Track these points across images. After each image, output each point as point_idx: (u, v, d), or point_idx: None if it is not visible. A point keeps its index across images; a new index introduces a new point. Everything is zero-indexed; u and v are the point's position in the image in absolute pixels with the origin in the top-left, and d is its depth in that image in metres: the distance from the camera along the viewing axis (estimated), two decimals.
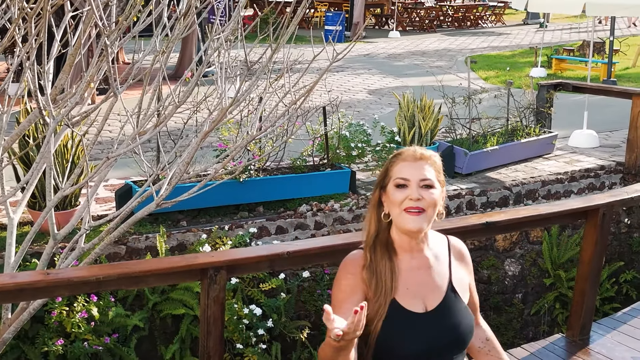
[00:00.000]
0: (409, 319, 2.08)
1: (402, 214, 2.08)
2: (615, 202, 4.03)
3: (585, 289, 4.08)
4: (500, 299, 6.96)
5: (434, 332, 2.09)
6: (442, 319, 2.11)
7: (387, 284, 2.09)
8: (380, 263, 2.11)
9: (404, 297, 2.10)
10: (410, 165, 2.13)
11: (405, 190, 2.09)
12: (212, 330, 3.13)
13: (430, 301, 2.12)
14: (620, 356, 4.01)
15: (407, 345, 2.07)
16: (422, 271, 2.14)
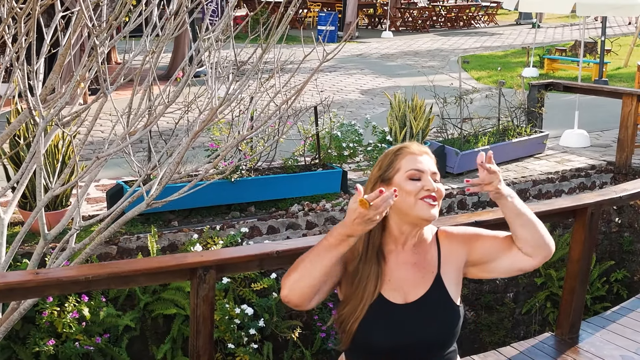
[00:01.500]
0: (387, 309, 2.11)
1: (419, 202, 2.08)
2: (604, 201, 4.05)
3: (574, 288, 4.10)
4: (492, 298, 6.98)
5: (408, 325, 2.10)
6: (422, 311, 2.12)
7: (368, 289, 2.11)
8: (367, 269, 2.12)
9: (386, 289, 2.13)
10: (420, 158, 2.15)
11: (419, 182, 2.10)
12: (202, 329, 3.14)
13: (411, 294, 2.13)
14: (609, 354, 4.03)
15: (383, 333, 2.09)
16: (407, 266, 2.16)
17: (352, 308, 2.11)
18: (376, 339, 2.10)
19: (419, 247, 2.19)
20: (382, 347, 2.10)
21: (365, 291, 2.11)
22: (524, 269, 2.26)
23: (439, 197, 2.11)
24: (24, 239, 4.34)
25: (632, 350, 4.10)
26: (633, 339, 4.23)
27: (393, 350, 2.11)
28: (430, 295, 2.14)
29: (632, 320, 4.46)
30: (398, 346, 2.10)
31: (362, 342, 2.12)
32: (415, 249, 2.18)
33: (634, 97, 7.61)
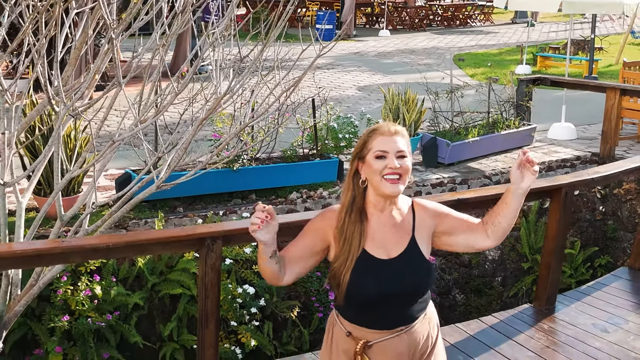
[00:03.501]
0: (375, 264, 2.47)
1: (382, 180, 2.45)
2: (577, 182, 4.40)
3: (550, 263, 4.45)
4: (481, 282, 7.33)
5: (392, 276, 2.46)
6: (400, 266, 2.48)
7: (354, 244, 2.47)
8: (351, 227, 2.49)
9: (371, 247, 2.49)
10: (387, 139, 2.48)
11: (384, 161, 2.45)
12: (210, 294, 3.48)
13: (392, 251, 2.49)
14: (583, 323, 4.39)
15: (372, 285, 2.44)
16: (388, 227, 2.52)
17: (341, 262, 2.47)
18: (366, 290, 2.45)
19: (397, 213, 2.55)
20: (371, 297, 2.45)
21: (351, 246, 2.46)
22: (480, 248, 2.67)
23: (403, 172, 2.46)
24: (39, 224, 4.65)
25: (603, 320, 4.46)
26: (605, 309, 4.58)
27: (381, 299, 2.46)
28: (408, 253, 2.50)
29: (606, 294, 4.81)
30: (385, 295, 2.45)
31: (354, 294, 2.47)
32: (394, 214, 2.54)
33: (617, 91, 7.96)
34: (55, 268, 4.45)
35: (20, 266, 3.70)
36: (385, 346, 2.48)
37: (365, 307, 2.49)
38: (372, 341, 2.49)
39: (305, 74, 4.29)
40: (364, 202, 2.53)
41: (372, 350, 2.49)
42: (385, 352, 2.49)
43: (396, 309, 2.49)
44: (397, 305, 2.49)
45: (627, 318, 4.50)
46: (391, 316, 2.49)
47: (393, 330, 2.49)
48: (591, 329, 4.34)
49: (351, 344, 2.51)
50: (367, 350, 2.49)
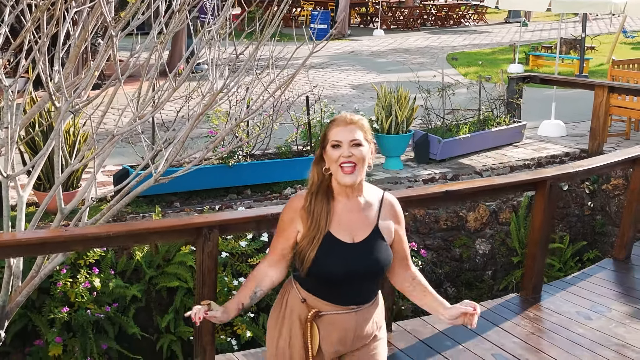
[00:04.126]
0: (339, 246, 2.63)
1: (338, 169, 2.61)
2: (561, 175, 4.56)
3: (536, 253, 4.60)
4: (472, 275, 7.49)
5: (357, 259, 2.63)
6: (365, 250, 2.65)
7: (320, 223, 2.63)
8: (318, 206, 2.65)
9: (337, 230, 2.65)
10: (343, 129, 2.64)
11: (339, 150, 2.61)
12: (207, 280, 3.63)
13: (357, 236, 2.66)
14: (567, 311, 4.55)
15: (335, 266, 2.61)
16: (353, 213, 2.68)
17: (308, 241, 2.63)
18: (329, 269, 2.62)
19: (363, 201, 2.71)
20: (333, 276, 2.62)
21: (318, 226, 2.62)
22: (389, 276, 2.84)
23: (357, 161, 2.61)
24: (39, 219, 4.78)
25: (587, 308, 4.62)
26: (589, 298, 4.74)
27: (341, 279, 2.63)
28: (371, 240, 2.67)
29: (590, 284, 4.97)
30: (345, 276, 2.62)
31: (317, 272, 2.63)
32: (362, 201, 2.70)
33: (605, 89, 8.13)
34: (56, 260, 4.58)
35: (25, 254, 3.83)
36: (335, 319, 2.65)
37: (325, 283, 2.66)
38: (324, 312, 2.65)
39: (300, 71, 4.43)
40: (330, 186, 2.69)
41: (322, 320, 2.65)
42: (334, 325, 2.65)
43: (353, 289, 2.66)
44: (355, 286, 2.66)
45: (610, 306, 4.66)
46: (347, 294, 2.66)
47: (346, 307, 2.65)
48: (575, 316, 4.50)
49: (304, 310, 2.67)
50: (317, 319, 2.65)
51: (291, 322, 2.70)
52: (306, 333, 2.66)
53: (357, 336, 2.69)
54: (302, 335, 2.67)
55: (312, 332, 2.66)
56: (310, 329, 2.65)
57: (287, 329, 2.71)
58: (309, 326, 2.65)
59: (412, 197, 3.98)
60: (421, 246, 6.99)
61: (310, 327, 2.65)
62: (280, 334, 2.74)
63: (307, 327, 2.65)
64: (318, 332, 2.66)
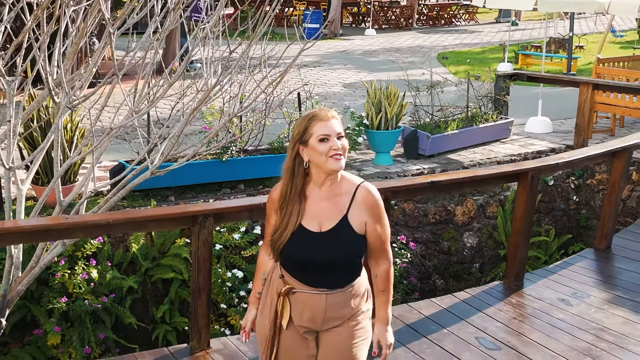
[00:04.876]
0: (306, 234, 2.80)
1: (329, 159, 2.76)
2: (542, 166, 4.74)
3: (518, 242, 4.79)
4: (459, 268, 7.68)
5: (322, 248, 2.79)
6: (330, 239, 2.80)
7: (291, 221, 2.81)
8: (290, 206, 2.82)
9: (306, 220, 2.82)
10: (327, 123, 2.79)
11: (327, 143, 2.75)
12: (202, 268, 3.79)
13: (324, 225, 2.81)
14: (548, 297, 4.73)
15: (302, 253, 2.79)
16: (323, 202, 2.83)
17: (279, 234, 2.82)
18: (297, 256, 2.81)
19: (335, 191, 2.85)
20: (300, 262, 2.81)
21: (289, 223, 2.80)
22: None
23: (343, 151, 2.79)
24: (39, 211, 4.92)
25: (567, 295, 4.80)
26: (570, 285, 4.93)
27: (308, 265, 2.80)
28: (338, 229, 2.81)
29: (571, 272, 5.16)
30: (311, 262, 2.80)
31: (288, 256, 2.83)
32: (331, 191, 2.85)
33: (589, 86, 8.33)
34: (55, 250, 4.74)
35: (28, 241, 3.99)
36: (306, 298, 2.82)
37: (296, 266, 2.84)
38: (297, 290, 2.82)
39: (291, 66, 4.60)
40: (304, 182, 2.83)
41: (294, 297, 2.82)
42: (304, 303, 2.82)
43: (322, 274, 2.82)
44: (323, 272, 2.82)
45: (589, 293, 4.85)
46: (316, 278, 2.83)
47: (316, 289, 2.82)
48: (556, 302, 4.69)
49: (281, 285, 2.85)
50: (290, 294, 2.82)
51: (271, 295, 2.89)
52: (277, 305, 2.84)
53: (328, 317, 2.83)
54: (275, 309, 2.85)
55: (284, 305, 2.84)
56: (282, 302, 2.83)
57: (268, 302, 2.91)
58: (280, 300, 2.83)
59: (399, 188, 4.16)
60: (410, 239, 7.17)
61: (282, 301, 2.83)
62: (264, 306, 2.94)
63: (279, 300, 2.84)
64: (290, 307, 2.84)
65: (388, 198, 4.06)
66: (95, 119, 4.69)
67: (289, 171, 2.83)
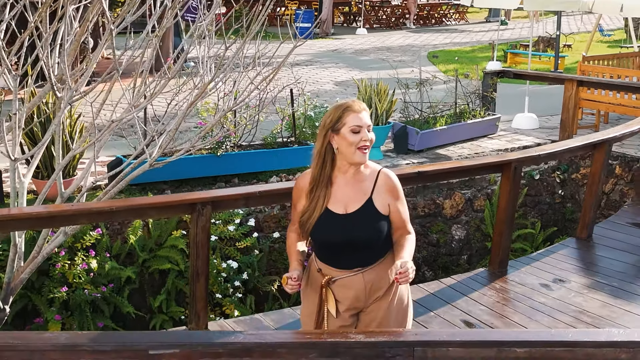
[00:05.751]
0: (330, 217, 3.00)
1: (357, 151, 2.94)
2: (525, 158, 4.96)
3: (502, 230, 5.01)
4: (448, 259, 7.90)
5: (348, 229, 2.98)
6: (356, 220, 3.00)
7: (318, 204, 3.00)
8: (319, 191, 3.01)
9: (333, 204, 3.02)
10: (359, 115, 2.97)
11: (359, 134, 2.93)
12: (200, 253, 3.99)
13: (350, 207, 3.01)
14: (530, 283, 4.96)
15: (331, 234, 2.99)
16: (349, 186, 3.03)
17: (307, 216, 3.02)
18: (326, 238, 3.02)
19: (358, 176, 3.05)
20: (330, 243, 3.02)
21: (317, 206, 3.00)
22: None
23: (371, 143, 2.98)
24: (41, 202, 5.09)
25: (549, 280, 5.03)
26: (551, 272, 5.16)
27: (338, 245, 3.01)
28: (363, 210, 3.00)
29: (553, 260, 5.39)
30: (341, 242, 3.00)
31: (316, 239, 3.05)
32: (355, 177, 3.04)
33: (574, 82, 8.57)
34: (56, 240, 4.92)
35: (35, 227, 4.18)
36: (346, 282, 3.03)
37: (327, 250, 3.04)
38: (335, 277, 3.03)
39: (284, 62, 4.80)
40: (332, 167, 3.02)
41: (335, 284, 3.03)
42: (345, 287, 3.03)
43: (353, 254, 3.02)
44: (354, 251, 3.02)
45: (570, 279, 5.07)
46: (349, 259, 3.03)
47: (352, 270, 3.02)
48: (537, 287, 4.91)
49: (320, 279, 3.05)
50: (331, 284, 3.03)
51: (313, 289, 3.10)
52: (321, 297, 3.05)
53: (370, 292, 3.04)
54: (319, 300, 3.06)
55: (328, 296, 3.04)
56: (325, 293, 3.04)
57: (311, 295, 3.12)
58: (324, 292, 3.04)
59: None
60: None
61: (325, 292, 3.04)
62: (307, 299, 3.15)
63: (323, 292, 3.04)
64: (334, 296, 3.04)
65: None
66: (96, 112, 4.89)
67: (319, 157, 2.99)
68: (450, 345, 2.43)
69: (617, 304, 4.71)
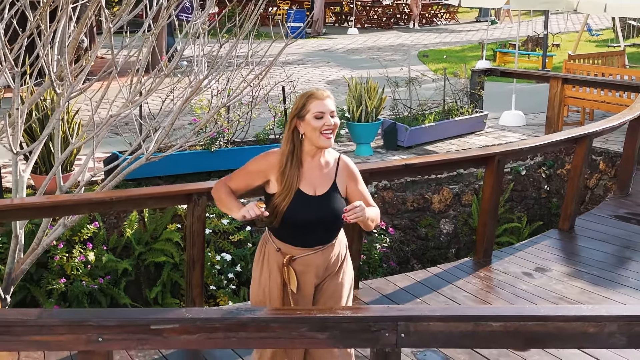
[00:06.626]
0: (303, 198, 3.20)
1: (320, 136, 3.16)
2: (508, 151, 5.16)
3: (486, 221, 5.21)
4: (436, 253, 8.09)
5: (318, 209, 3.20)
6: (324, 201, 3.22)
7: (293, 185, 3.19)
8: (292, 171, 3.20)
9: (304, 185, 3.21)
10: (323, 102, 3.18)
11: (321, 120, 3.15)
12: (196, 241, 4.16)
13: (318, 189, 3.23)
14: (513, 271, 5.16)
15: (301, 214, 3.17)
16: (316, 170, 3.25)
17: (282, 198, 3.19)
18: (298, 217, 3.18)
19: (324, 161, 3.27)
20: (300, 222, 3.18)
21: (291, 186, 3.18)
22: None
23: (334, 128, 3.19)
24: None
25: (531, 269, 5.23)
26: (533, 261, 5.36)
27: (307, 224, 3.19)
28: (330, 193, 3.24)
29: (536, 250, 5.60)
30: (309, 222, 3.19)
31: (288, 219, 3.19)
32: (322, 161, 3.26)
33: (559, 80, 8.79)
34: (56, 232, 5.09)
35: (38, 216, 4.34)
36: (306, 260, 3.23)
37: (295, 229, 3.22)
38: (296, 256, 3.22)
39: (277, 59, 4.99)
40: (301, 151, 3.22)
41: (296, 262, 3.22)
42: (306, 264, 3.23)
43: (317, 233, 3.23)
44: (318, 230, 3.23)
45: (551, 267, 5.28)
46: (312, 238, 3.23)
47: (313, 248, 3.23)
48: (520, 275, 5.11)
49: (280, 258, 3.24)
50: (291, 262, 3.22)
51: (270, 268, 3.26)
52: (283, 276, 3.23)
53: (327, 268, 3.28)
54: (281, 278, 3.23)
55: (290, 274, 3.22)
56: (287, 272, 3.22)
57: (266, 274, 3.27)
58: (285, 270, 3.22)
59: (376, 170, 4.56)
60: (390, 225, 7.58)
61: (287, 271, 3.21)
62: (262, 279, 3.30)
63: (284, 270, 3.22)
64: (295, 273, 3.22)
65: (366, 179, 4.46)
66: (95, 107, 5.06)
67: (288, 142, 3.19)
68: (431, 319, 2.62)
69: (596, 290, 4.91)
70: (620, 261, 5.48)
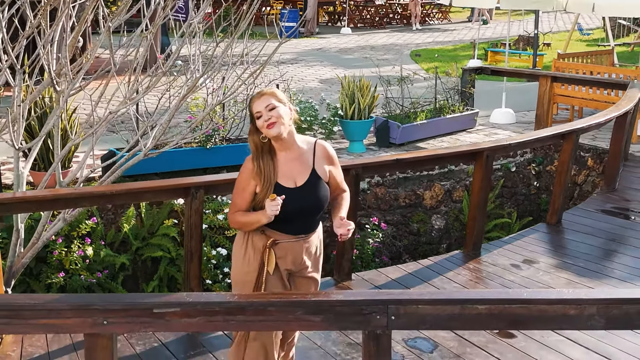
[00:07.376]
0: (284, 191, 3.32)
1: (267, 130, 3.28)
2: (496, 147, 5.31)
3: (476, 214, 5.36)
4: (428, 248, 8.24)
5: (300, 200, 3.34)
6: (306, 191, 3.36)
7: (270, 178, 3.33)
8: (265, 167, 3.33)
9: (282, 179, 3.35)
10: (258, 101, 3.32)
11: (261, 118, 3.29)
12: (194, 234, 4.29)
13: (298, 180, 3.36)
14: (502, 263, 5.31)
15: (283, 207, 3.27)
16: (293, 162, 3.37)
17: (262, 195, 3.33)
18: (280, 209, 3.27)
19: (298, 151, 3.39)
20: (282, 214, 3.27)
21: (269, 183, 3.32)
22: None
23: (275, 118, 3.28)
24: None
25: (519, 261, 5.39)
26: (521, 254, 5.52)
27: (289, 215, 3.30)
28: (310, 181, 3.37)
29: (524, 243, 5.75)
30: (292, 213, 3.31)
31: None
32: (296, 152, 3.38)
33: (548, 78, 8.96)
34: (56, 226, 5.21)
35: (40, 209, 4.46)
36: (288, 246, 3.37)
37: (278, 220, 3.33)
38: (279, 240, 3.36)
39: (271, 58, 5.13)
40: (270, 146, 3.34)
41: (278, 247, 3.36)
42: (287, 250, 3.37)
43: (301, 222, 3.38)
44: (302, 220, 3.38)
45: (539, 260, 5.43)
46: (296, 226, 3.38)
47: (296, 236, 3.38)
48: (508, 267, 5.26)
49: (263, 240, 3.36)
50: (274, 246, 3.36)
51: (253, 248, 3.39)
52: (264, 256, 3.36)
53: (304, 260, 3.42)
54: (261, 258, 3.36)
55: (270, 256, 3.37)
56: (268, 253, 3.36)
57: (249, 254, 3.40)
58: (267, 251, 3.36)
59: (368, 164, 4.70)
60: (382, 221, 7.72)
61: (268, 252, 3.36)
62: (244, 257, 3.41)
63: (266, 252, 3.36)
64: (275, 256, 3.37)
65: (358, 174, 4.61)
66: (95, 104, 5.19)
67: (251, 144, 3.37)
68: (420, 302, 2.76)
69: (582, 281, 5.06)
70: (605, 253, 5.64)
